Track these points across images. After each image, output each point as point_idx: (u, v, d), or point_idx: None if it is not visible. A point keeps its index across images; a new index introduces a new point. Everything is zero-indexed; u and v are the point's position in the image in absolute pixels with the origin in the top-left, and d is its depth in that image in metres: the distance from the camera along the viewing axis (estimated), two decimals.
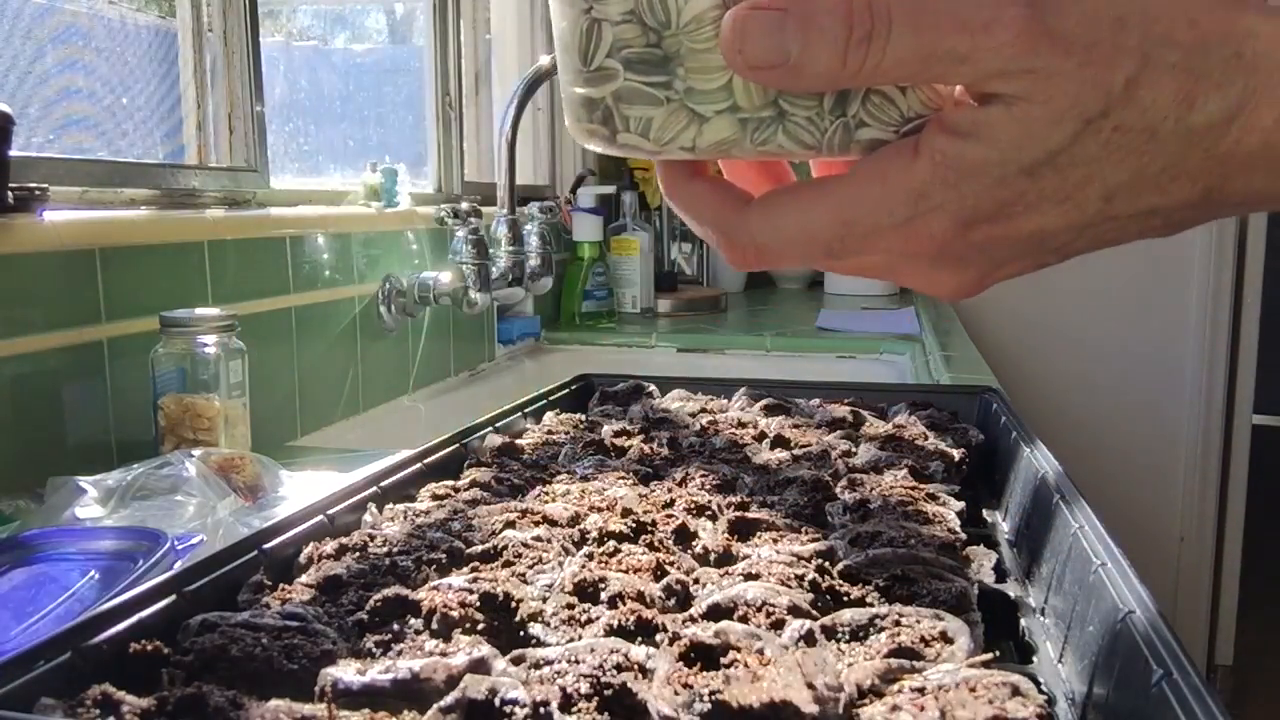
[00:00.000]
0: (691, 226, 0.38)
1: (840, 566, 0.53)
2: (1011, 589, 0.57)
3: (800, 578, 0.50)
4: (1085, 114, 0.30)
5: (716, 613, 0.46)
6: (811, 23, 0.30)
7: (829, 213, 0.33)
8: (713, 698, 0.37)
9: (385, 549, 0.56)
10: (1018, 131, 0.31)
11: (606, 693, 0.38)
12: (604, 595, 0.48)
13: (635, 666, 0.41)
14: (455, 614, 0.46)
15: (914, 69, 0.31)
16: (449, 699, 0.37)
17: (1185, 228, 0.34)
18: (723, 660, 0.40)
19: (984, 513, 0.74)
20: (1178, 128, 0.30)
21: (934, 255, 0.34)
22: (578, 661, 0.40)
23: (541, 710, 0.37)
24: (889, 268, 0.36)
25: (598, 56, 0.34)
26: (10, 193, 0.89)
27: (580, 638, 0.45)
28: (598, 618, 0.46)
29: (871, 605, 0.48)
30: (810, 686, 0.38)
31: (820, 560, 0.53)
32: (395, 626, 0.46)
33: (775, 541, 0.58)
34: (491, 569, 0.53)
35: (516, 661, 0.42)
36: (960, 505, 0.66)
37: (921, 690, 0.39)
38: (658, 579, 0.52)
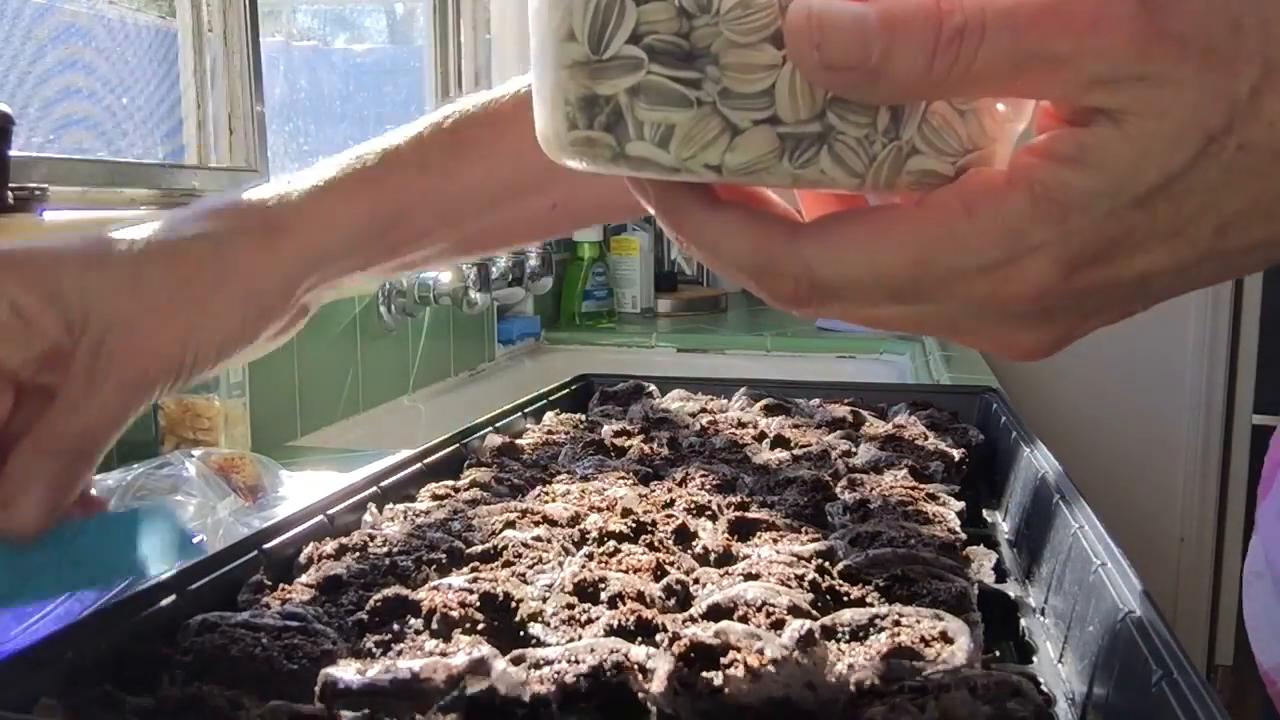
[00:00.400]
0: (713, 264, 0.31)
1: (840, 566, 0.53)
2: (1011, 589, 0.57)
3: (800, 578, 0.50)
4: (1209, 129, 0.26)
5: (716, 613, 0.46)
6: (897, 19, 0.26)
7: (904, 248, 0.28)
8: (713, 698, 0.37)
9: (385, 549, 0.56)
10: (1132, 153, 0.26)
11: (606, 693, 0.38)
12: (604, 595, 0.48)
13: (635, 666, 0.41)
14: (455, 614, 0.46)
15: (1007, 74, 0.26)
16: (449, 699, 0.37)
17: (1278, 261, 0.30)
18: (723, 660, 0.40)
19: (984, 513, 0.74)
20: None
21: (1025, 307, 0.29)
22: (578, 661, 0.40)
23: (541, 710, 0.37)
24: (959, 322, 0.30)
25: (616, 41, 0.27)
26: (10, 193, 0.88)
27: (580, 638, 0.45)
28: (598, 618, 0.46)
29: (871, 605, 0.48)
30: (810, 686, 0.38)
31: (820, 560, 0.53)
32: (395, 626, 0.46)
33: (775, 541, 0.58)
34: (491, 569, 0.53)
35: (516, 661, 0.42)
36: (960, 505, 0.66)
37: (921, 690, 0.39)
38: (658, 579, 0.52)
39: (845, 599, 0.50)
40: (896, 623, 0.45)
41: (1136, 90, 0.26)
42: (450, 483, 0.72)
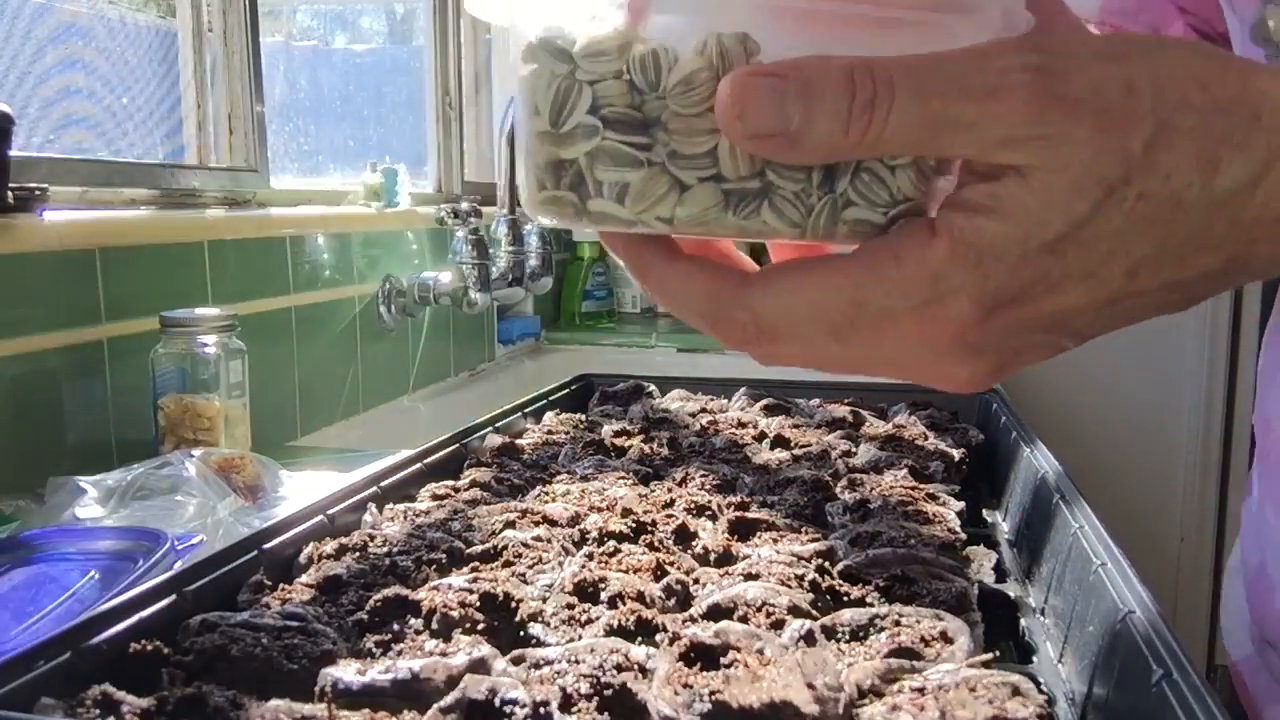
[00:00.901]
0: (674, 311, 0.35)
1: (840, 566, 0.53)
2: (1011, 589, 0.57)
3: (800, 578, 0.50)
4: (1106, 180, 0.28)
5: (716, 613, 0.46)
6: (813, 90, 0.29)
7: (839, 292, 0.31)
8: (713, 698, 0.37)
9: (385, 549, 0.56)
10: (1037, 203, 0.29)
11: (606, 693, 0.38)
12: (604, 595, 0.48)
13: (635, 666, 0.41)
14: (455, 614, 0.46)
15: (918, 137, 0.29)
16: (449, 699, 0.37)
17: (1201, 300, 0.32)
18: (723, 660, 0.40)
19: (984, 513, 0.74)
20: (1203, 195, 0.29)
21: (950, 343, 0.31)
22: (578, 661, 0.40)
23: (541, 710, 0.37)
24: (897, 359, 0.33)
25: (575, 115, 0.32)
26: (10, 193, 0.89)
27: (580, 638, 0.45)
28: (598, 618, 0.46)
29: (871, 605, 0.48)
30: (810, 686, 0.38)
31: (820, 560, 0.53)
32: (395, 626, 0.46)
33: (775, 541, 0.58)
34: (491, 569, 0.53)
35: (516, 661, 0.42)
36: (960, 505, 0.66)
37: (921, 690, 0.39)
38: (658, 579, 0.52)
39: (845, 599, 0.50)
40: (896, 623, 0.45)
41: (1037, 148, 0.28)
42: (450, 483, 0.72)
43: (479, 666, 0.41)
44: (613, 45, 0.31)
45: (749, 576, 0.51)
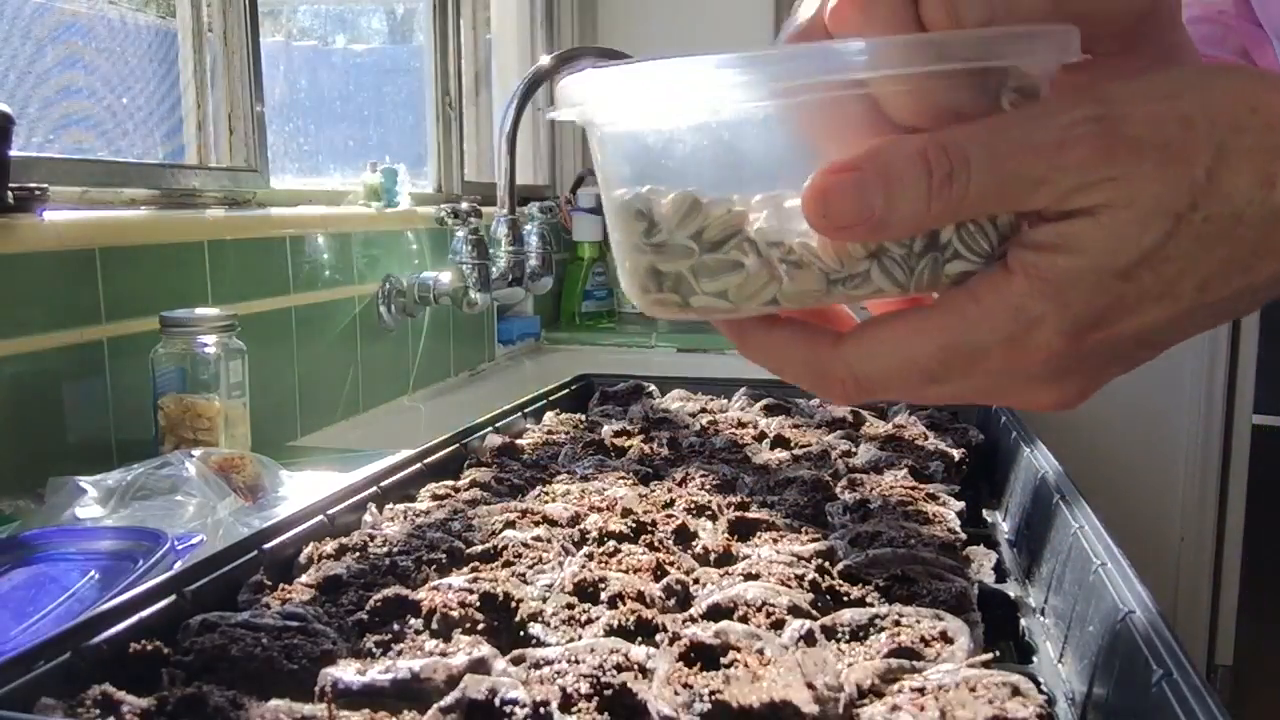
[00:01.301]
0: (775, 372, 0.37)
1: (840, 566, 0.53)
2: (1011, 589, 0.57)
3: (800, 578, 0.50)
4: (1174, 209, 0.30)
5: (716, 613, 0.46)
6: (892, 175, 0.31)
7: (929, 339, 0.33)
8: (713, 698, 0.37)
9: (385, 549, 0.56)
10: (1106, 237, 0.31)
11: (606, 693, 0.38)
12: (604, 595, 0.48)
13: (635, 666, 0.41)
14: (455, 614, 0.46)
15: (997, 198, 0.31)
16: (449, 699, 0.37)
17: (1269, 299, 0.34)
18: (723, 660, 0.40)
19: (984, 513, 0.74)
20: (1263, 208, 0.31)
21: (1039, 369, 0.33)
22: (578, 661, 0.40)
23: (541, 710, 0.37)
24: (992, 389, 0.35)
25: (670, 236, 0.33)
26: (10, 193, 0.88)
27: (580, 638, 0.45)
28: (598, 618, 0.46)
29: (871, 605, 0.48)
30: (810, 686, 0.38)
31: (820, 560, 0.53)
32: (395, 626, 0.46)
33: (775, 541, 0.58)
34: (491, 569, 0.53)
35: (516, 661, 0.42)
36: (960, 505, 0.66)
37: (921, 690, 0.39)
38: (658, 579, 0.52)
39: (845, 599, 0.50)
40: (896, 623, 0.45)
41: (1107, 189, 0.30)
42: (450, 483, 0.72)
43: (479, 666, 0.41)
44: (683, 210, 0.32)
45: (749, 576, 0.51)
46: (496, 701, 0.37)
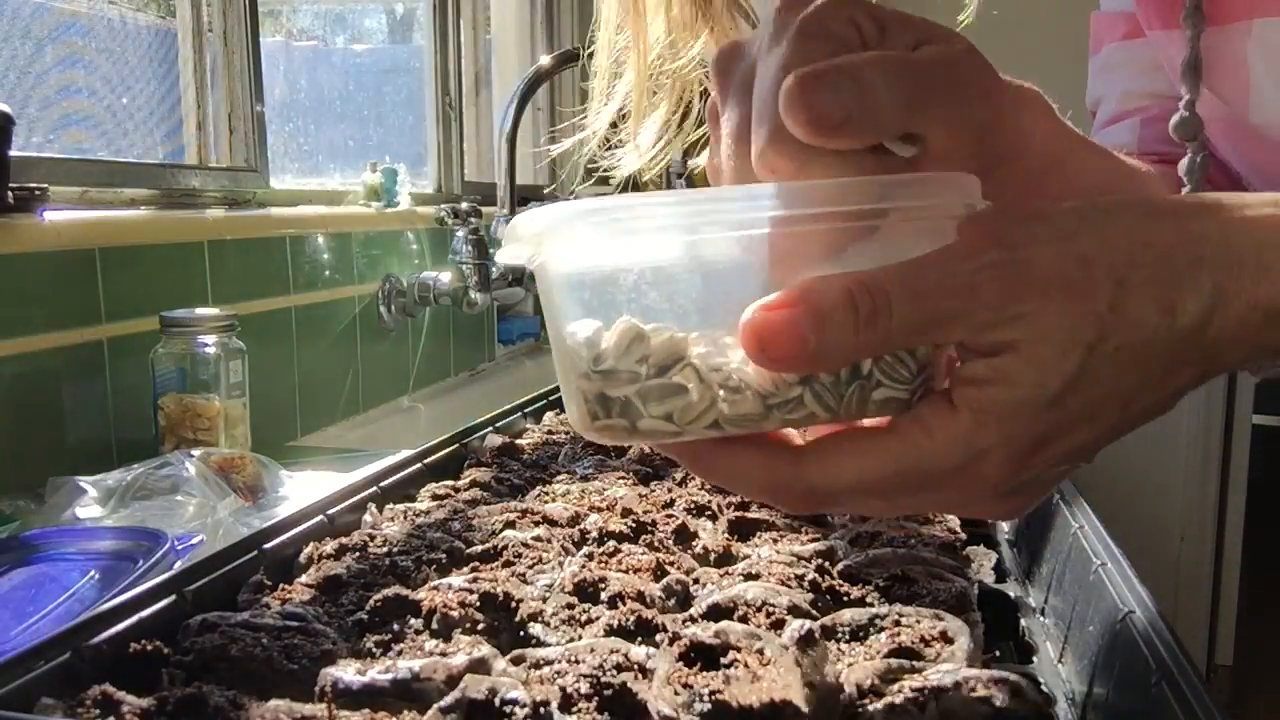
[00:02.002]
0: (732, 489, 0.39)
1: (840, 566, 0.53)
2: (1011, 589, 0.57)
3: (800, 578, 0.50)
4: (1084, 340, 0.33)
5: (716, 613, 0.46)
6: (822, 313, 0.33)
7: (885, 464, 0.35)
8: (713, 698, 0.37)
9: (385, 549, 0.56)
10: (1032, 369, 0.33)
11: (606, 693, 0.38)
12: (604, 595, 0.48)
13: (635, 666, 0.41)
14: (455, 614, 0.46)
15: (919, 332, 0.34)
16: (449, 699, 0.37)
17: (1182, 396, 0.37)
18: (723, 660, 0.40)
19: None
20: (1169, 333, 0.34)
21: (989, 492, 0.36)
22: (578, 661, 0.40)
23: (541, 710, 0.37)
24: (943, 505, 0.39)
25: (617, 363, 0.35)
26: (10, 193, 0.89)
27: (580, 638, 0.45)
28: (598, 618, 0.46)
29: (871, 605, 0.48)
30: (810, 686, 0.38)
31: (820, 560, 0.53)
32: (395, 626, 0.46)
33: (775, 541, 0.58)
34: (491, 569, 0.53)
35: (516, 661, 0.42)
36: None
37: (921, 690, 0.39)
38: (658, 579, 0.52)
39: (845, 599, 0.50)
40: (896, 623, 0.45)
41: (1019, 325, 0.33)
42: (450, 483, 0.72)
43: (479, 666, 0.41)
44: (629, 338, 0.35)
45: (749, 576, 0.51)
46: (496, 701, 0.37)
